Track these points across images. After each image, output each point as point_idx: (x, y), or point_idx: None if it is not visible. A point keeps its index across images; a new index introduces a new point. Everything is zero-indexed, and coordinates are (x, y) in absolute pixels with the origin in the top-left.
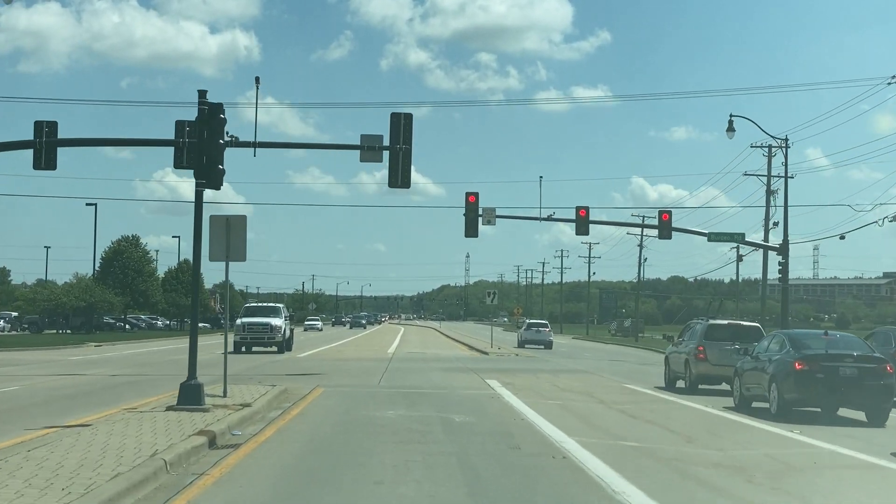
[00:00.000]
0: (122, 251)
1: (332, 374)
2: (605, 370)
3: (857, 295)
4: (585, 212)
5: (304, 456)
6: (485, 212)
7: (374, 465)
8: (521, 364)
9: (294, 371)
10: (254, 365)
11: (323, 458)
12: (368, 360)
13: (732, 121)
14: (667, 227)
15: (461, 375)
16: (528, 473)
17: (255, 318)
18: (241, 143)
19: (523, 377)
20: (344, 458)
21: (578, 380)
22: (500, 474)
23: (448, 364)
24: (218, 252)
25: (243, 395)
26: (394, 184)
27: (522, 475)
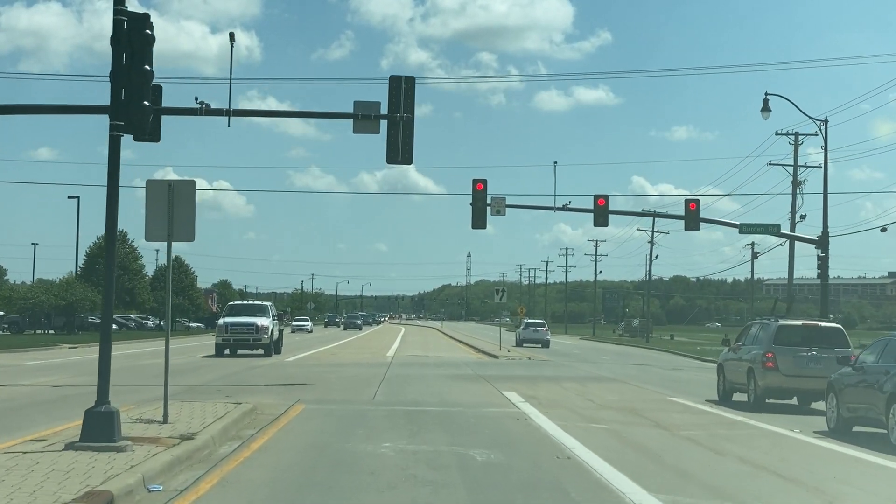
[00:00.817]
0: None
1: (321, 383)
2: (634, 377)
3: (861, 295)
4: (605, 201)
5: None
6: (493, 201)
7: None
8: (537, 370)
9: (276, 380)
10: (230, 372)
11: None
12: (365, 365)
13: (767, 100)
14: (694, 218)
15: (472, 386)
16: None
17: (238, 318)
18: (214, 110)
19: (546, 388)
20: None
21: (612, 391)
22: None
23: (454, 370)
24: (157, 229)
25: (191, 420)
26: (393, 158)
27: None
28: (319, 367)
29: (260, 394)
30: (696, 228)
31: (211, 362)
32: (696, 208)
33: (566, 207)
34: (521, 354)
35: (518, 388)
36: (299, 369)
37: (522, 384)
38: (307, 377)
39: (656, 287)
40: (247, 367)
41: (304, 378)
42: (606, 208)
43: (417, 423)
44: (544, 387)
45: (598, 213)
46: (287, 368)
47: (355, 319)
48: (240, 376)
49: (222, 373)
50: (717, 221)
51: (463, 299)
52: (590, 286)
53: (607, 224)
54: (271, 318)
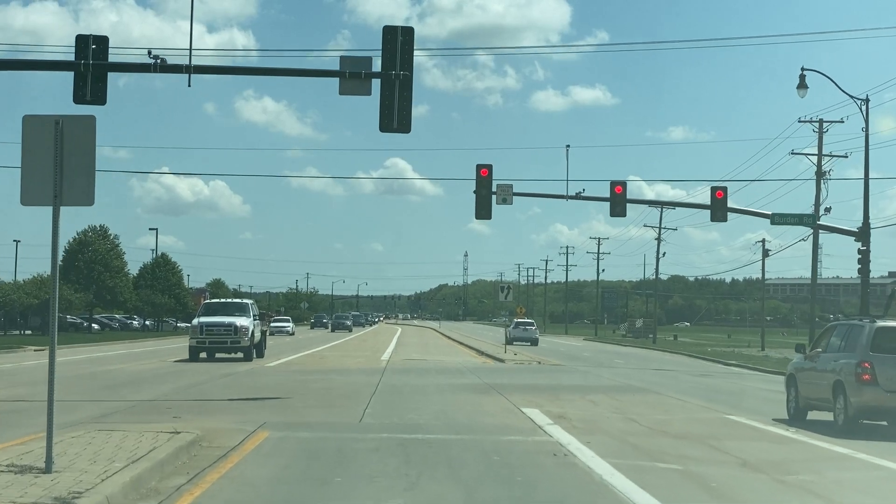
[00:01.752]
0: (87, 243)
1: (299, 397)
2: (665, 386)
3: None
4: (622, 188)
5: None
6: (499, 189)
7: None
8: (553, 377)
9: (246, 392)
10: (197, 381)
11: None
12: (355, 372)
13: (804, 76)
14: (721, 207)
15: (482, 399)
16: None
17: (215, 318)
18: (171, 66)
19: (573, 402)
20: None
21: (652, 406)
22: None
23: (458, 378)
24: (37, 187)
25: (90, 466)
26: (387, 125)
27: None
28: (303, 375)
29: (219, 413)
30: (724, 219)
31: (181, 368)
32: (724, 196)
33: (580, 196)
34: (530, 358)
35: (539, 403)
36: (279, 377)
37: (542, 397)
38: (285, 388)
39: (653, 287)
40: (220, 373)
41: (281, 389)
42: (624, 196)
43: (417, 463)
44: (570, 401)
45: (615, 202)
46: (265, 376)
47: (344, 320)
48: (205, 387)
49: (188, 381)
50: (746, 211)
51: (460, 299)
52: (588, 286)
53: (625, 214)
54: (252, 317)
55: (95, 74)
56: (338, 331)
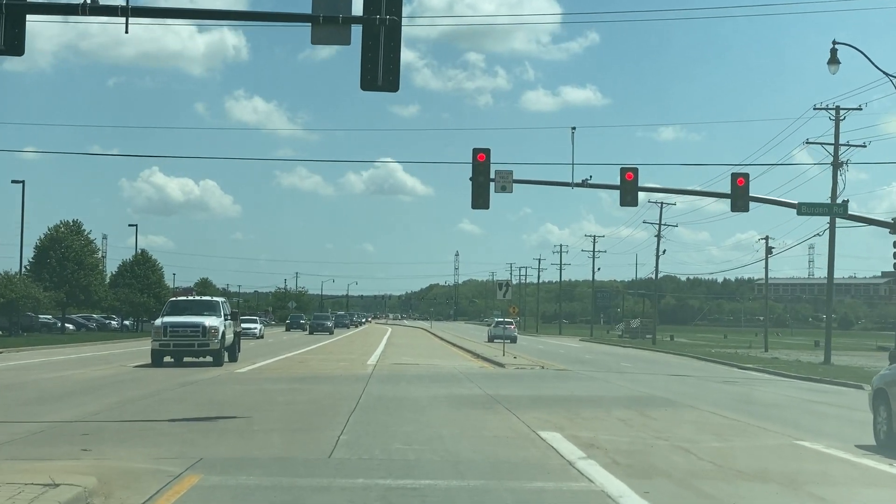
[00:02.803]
0: (60, 239)
1: (260, 416)
2: (694, 397)
3: (854, 294)
4: (633, 174)
5: None
6: (498, 175)
7: None
8: (563, 386)
9: (197, 409)
10: (144, 393)
11: None
12: (336, 380)
13: (836, 49)
14: (742, 196)
15: (487, 418)
16: None
17: (181, 318)
18: (103, 7)
19: (597, 420)
20: None
21: (698, 427)
22: None
23: (455, 387)
24: None
25: None
26: (370, 83)
27: None
28: (274, 384)
29: (148, 441)
30: (745, 208)
31: (137, 375)
32: (746, 184)
33: (586, 183)
34: (531, 362)
35: (559, 424)
36: (247, 386)
37: (559, 414)
38: (248, 402)
39: (646, 286)
40: (178, 382)
41: (242, 404)
42: (636, 183)
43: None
44: (594, 419)
45: (625, 190)
46: (231, 385)
47: (324, 321)
48: (152, 401)
49: (135, 393)
50: (770, 200)
51: (451, 299)
52: (580, 286)
53: (636, 203)
54: (223, 317)
55: (10, 17)
56: (317, 333)
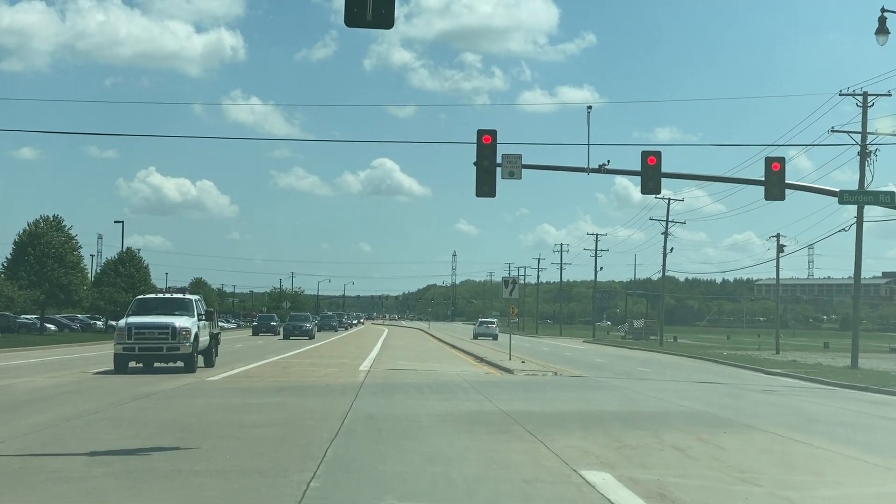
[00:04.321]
0: (39, 235)
1: (209, 448)
2: (747, 413)
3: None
4: (655, 158)
5: None
6: (505, 160)
7: None
8: (588, 399)
9: (129, 437)
10: (83, 410)
11: None
12: (320, 390)
13: (884, 18)
14: (777, 183)
15: (508, 448)
16: None
17: (147, 318)
18: None
19: (651, 450)
20: None
21: (782, 459)
22: None
23: (461, 400)
24: None
25: None
26: (358, 17)
27: None
28: (244, 396)
29: (25, 495)
30: (781, 196)
31: (91, 384)
32: (781, 169)
33: (603, 168)
34: (542, 367)
35: (602, 457)
36: (210, 400)
37: (597, 439)
38: (203, 423)
39: (645, 287)
40: (133, 393)
41: (193, 427)
42: (658, 169)
43: None
44: (642, 447)
45: (647, 176)
46: (191, 400)
47: (301, 322)
48: (82, 422)
49: (73, 409)
50: (809, 188)
51: (448, 299)
52: (578, 286)
53: (659, 190)
54: (196, 316)
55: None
56: (294, 337)
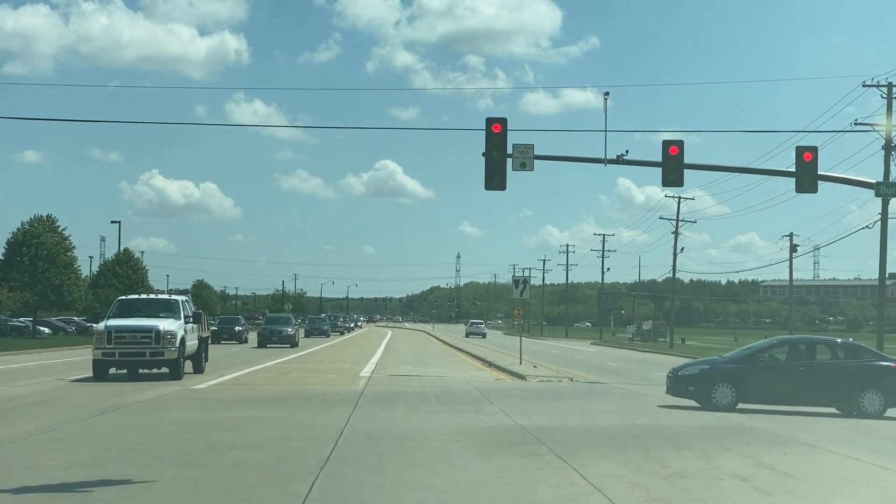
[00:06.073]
0: (33, 235)
1: (168, 480)
2: (796, 427)
3: (860, 296)
4: (678, 148)
5: None
6: (516, 150)
7: None
8: (610, 409)
9: (80, 464)
10: (40, 426)
11: None
12: (315, 400)
13: None
14: (810, 174)
15: (536, 478)
16: None
17: (129, 321)
18: None
19: (705, 478)
20: None
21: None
22: None
23: (473, 413)
24: None
25: None
26: None
27: None
28: (228, 409)
29: None
30: (813, 189)
31: (66, 392)
32: (813, 159)
33: (621, 159)
34: (556, 372)
35: (653, 490)
36: (188, 414)
37: (640, 464)
38: (173, 446)
39: (650, 288)
40: (106, 404)
41: (160, 450)
42: (681, 159)
43: None
44: (697, 474)
45: (668, 167)
46: (168, 413)
47: (282, 327)
48: (33, 442)
49: (29, 425)
50: (843, 179)
51: (453, 301)
52: (582, 287)
53: (682, 182)
54: (183, 319)
55: None
56: (272, 346)
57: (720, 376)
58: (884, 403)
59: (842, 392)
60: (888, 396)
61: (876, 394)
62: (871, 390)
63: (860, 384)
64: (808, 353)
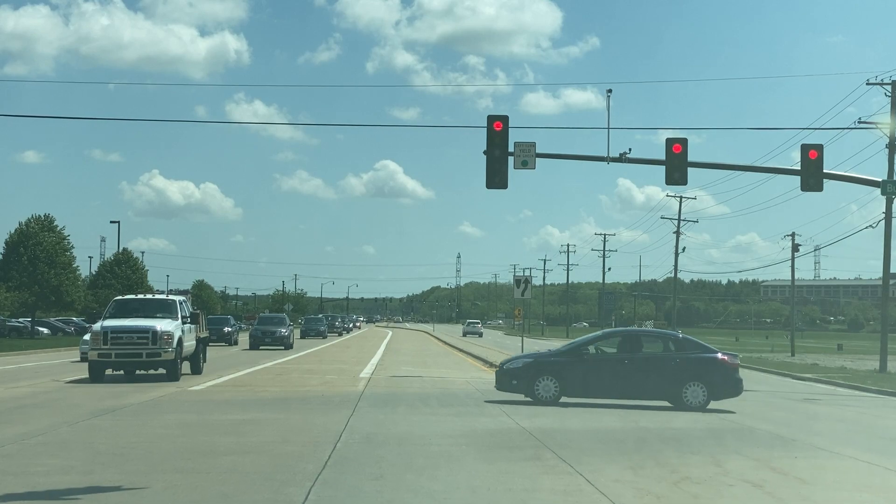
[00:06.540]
0: (30, 235)
1: (159, 488)
2: (807, 430)
3: (861, 296)
4: (681, 146)
5: None
6: (518, 148)
7: None
8: (619, 411)
9: (64, 470)
10: (29, 430)
11: None
12: (314, 402)
13: None
14: (815, 173)
15: (540, 483)
16: None
17: (125, 321)
18: None
19: (716, 483)
20: None
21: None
22: None
23: (474, 414)
24: None
25: None
26: None
27: None
28: (225, 412)
29: None
30: (819, 187)
31: (61, 395)
32: (819, 157)
33: (624, 157)
34: None
35: (664, 497)
36: (185, 417)
37: (648, 470)
38: (165, 450)
39: (650, 288)
40: (101, 407)
41: (152, 454)
42: (685, 157)
43: None
44: (707, 480)
45: (672, 166)
46: (163, 416)
47: (275, 329)
48: (24, 445)
49: (19, 430)
50: (848, 177)
51: (453, 301)
52: (582, 288)
53: (685, 181)
54: (180, 319)
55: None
56: (264, 347)
57: (543, 370)
58: (707, 396)
59: (668, 385)
60: (711, 389)
61: (699, 386)
62: (694, 383)
63: (684, 377)
64: (634, 346)
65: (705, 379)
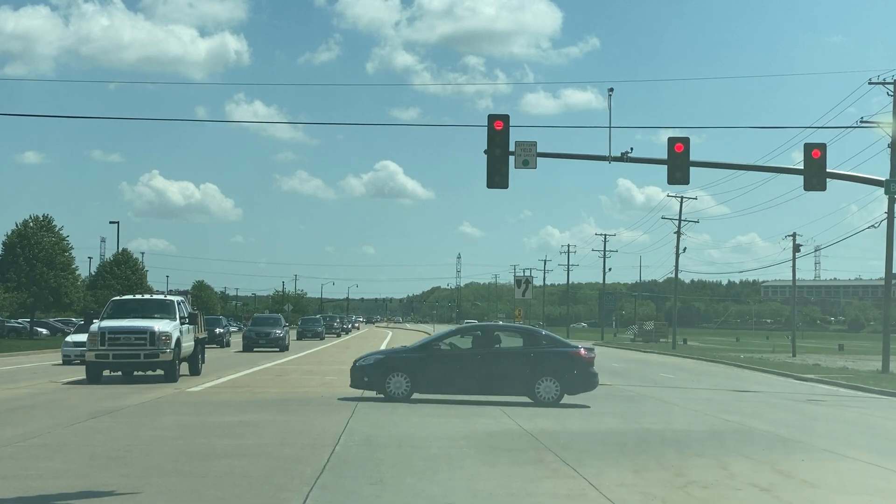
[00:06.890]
0: (29, 236)
1: (152, 493)
2: (811, 432)
3: (861, 296)
4: (684, 146)
5: None
6: (519, 147)
7: None
8: (617, 412)
9: (56, 475)
10: (22, 432)
11: None
12: (313, 403)
13: None
14: (818, 173)
15: (543, 486)
16: None
17: (123, 321)
18: None
19: (722, 487)
20: None
21: None
22: None
23: (477, 415)
24: None
25: None
26: None
27: None
28: (223, 414)
29: None
30: (822, 187)
31: (57, 396)
32: (822, 157)
33: (626, 157)
34: None
35: (670, 502)
36: (182, 419)
37: (653, 472)
38: (163, 453)
39: (651, 289)
40: (97, 409)
41: (148, 458)
42: (687, 156)
43: None
44: (714, 484)
45: (674, 165)
46: (160, 418)
47: (269, 330)
48: (19, 447)
49: (14, 432)
50: (852, 176)
51: (454, 302)
52: (582, 288)
53: (687, 180)
54: (178, 320)
55: None
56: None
57: (394, 366)
58: (560, 391)
59: (522, 380)
60: (564, 383)
61: (552, 381)
62: (547, 378)
63: (537, 371)
64: (490, 341)
65: (559, 374)
